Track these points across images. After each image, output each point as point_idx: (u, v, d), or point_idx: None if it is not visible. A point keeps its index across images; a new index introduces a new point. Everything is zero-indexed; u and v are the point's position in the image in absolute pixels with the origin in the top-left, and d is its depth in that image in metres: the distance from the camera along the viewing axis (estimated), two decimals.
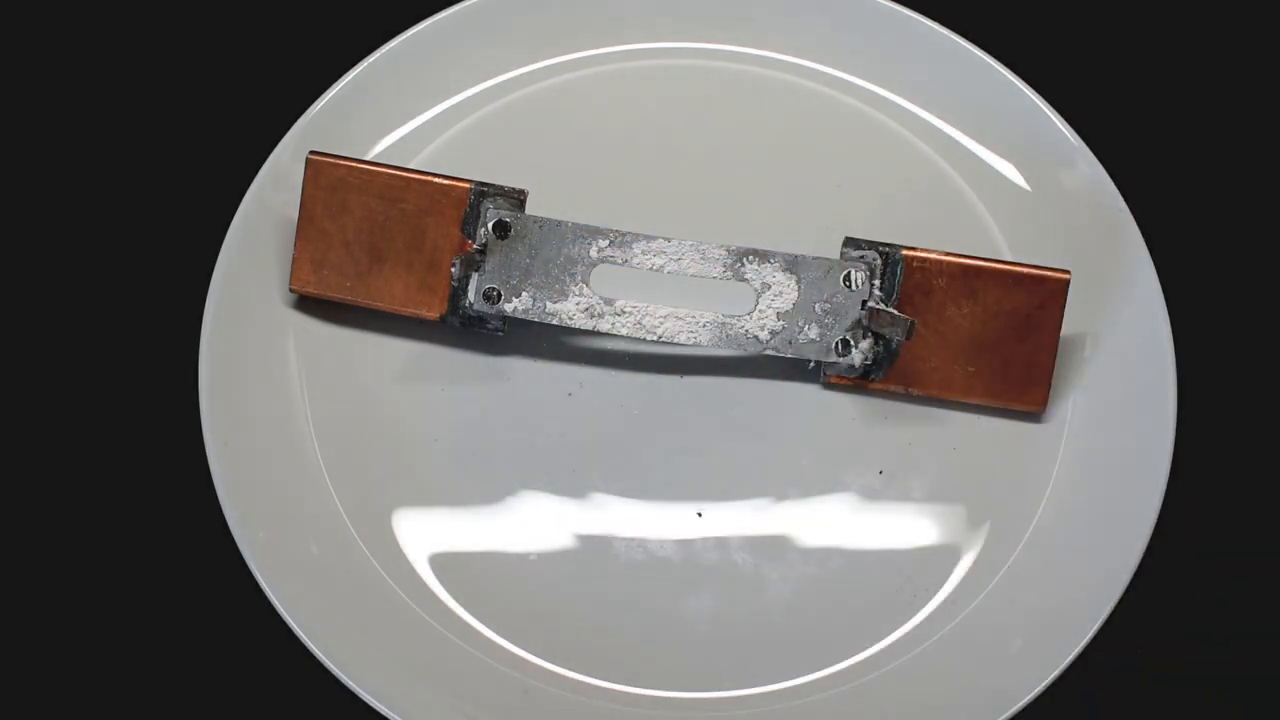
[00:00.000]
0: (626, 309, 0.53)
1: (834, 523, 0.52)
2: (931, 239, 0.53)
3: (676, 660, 0.50)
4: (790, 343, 0.53)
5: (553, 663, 0.50)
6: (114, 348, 0.56)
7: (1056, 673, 0.48)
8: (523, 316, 0.53)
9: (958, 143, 0.59)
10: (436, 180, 0.53)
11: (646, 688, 0.50)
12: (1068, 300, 0.53)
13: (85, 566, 0.52)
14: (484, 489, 0.53)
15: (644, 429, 0.54)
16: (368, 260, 0.54)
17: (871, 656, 0.50)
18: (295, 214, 0.54)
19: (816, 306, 0.53)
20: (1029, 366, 0.53)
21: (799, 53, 0.60)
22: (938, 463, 0.53)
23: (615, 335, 0.54)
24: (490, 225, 0.53)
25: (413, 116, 0.59)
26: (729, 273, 0.53)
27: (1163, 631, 0.53)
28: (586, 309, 0.53)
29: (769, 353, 0.53)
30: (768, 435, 0.54)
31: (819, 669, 0.50)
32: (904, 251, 0.53)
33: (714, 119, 0.59)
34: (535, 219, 0.53)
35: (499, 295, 0.53)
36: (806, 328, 0.53)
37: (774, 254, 0.53)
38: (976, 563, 0.52)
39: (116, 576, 0.52)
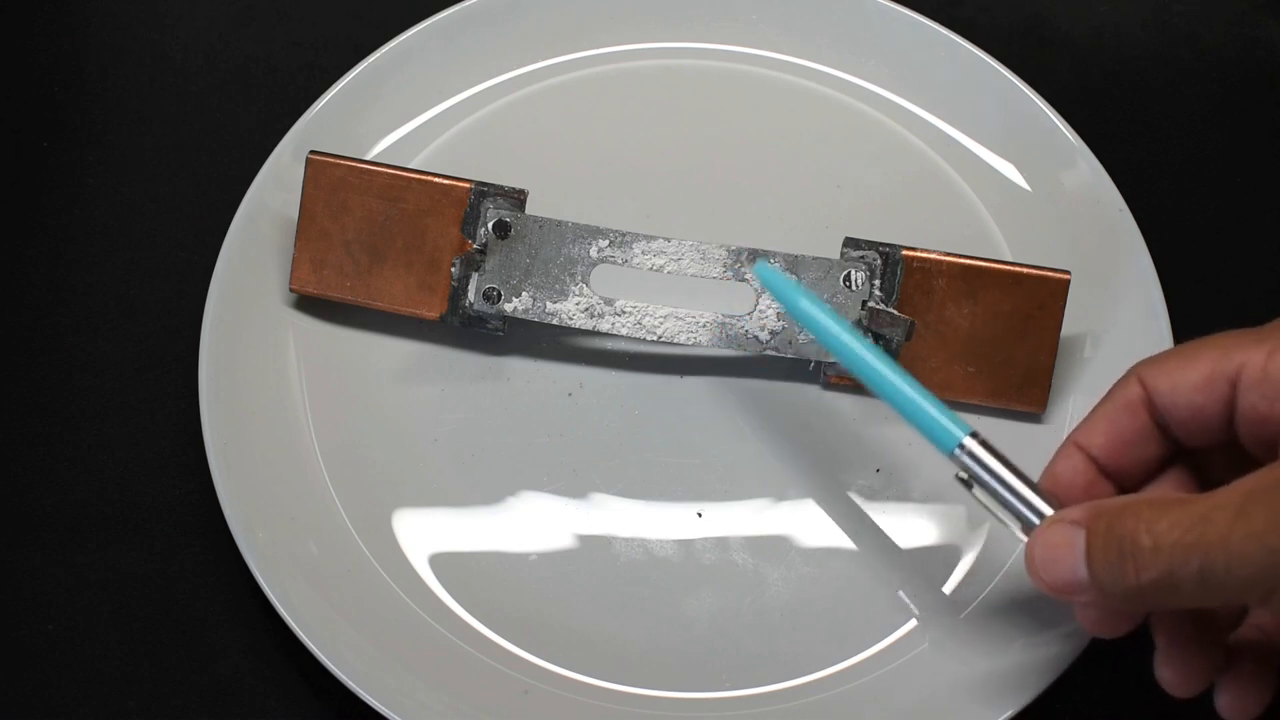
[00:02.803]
0: (626, 309, 0.53)
1: (834, 523, 0.52)
2: (931, 239, 0.53)
3: (676, 660, 0.50)
4: (790, 343, 0.53)
5: (553, 663, 0.50)
6: (114, 347, 0.56)
7: (1057, 673, 0.48)
8: (523, 316, 0.53)
9: (958, 143, 0.59)
10: (436, 180, 0.53)
11: (646, 688, 0.50)
12: (1068, 300, 0.53)
13: (85, 566, 0.52)
14: (484, 489, 0.53)
15: (644, 429, 0.54)
16: (368, 260, 0.54)
17: (871, 656, 0.50)
18: (295, 214, 0.54)
19: None
20: (1029, 366, 0.53)
21: (799, 53, 0.60)
22: (938, 463, 0.53)
23: (615, 335, 0.54)
24: (490, 225, 0.53)
25: (413, 116, 0.59)
26: (729, 273, 0.53)
27: None
28: (586, 309, 0.53)
29: (769, 353, 0.53)
30: (768, 435, 0.54)
31: (819, 669, 0.50)
32: (904, 251, 0.53)
33: (714, 119, 0.59)
34: (535, 219, 0.53)
35: (499, 295, 0.53)
36: None
37: (774, 254, 0.53)
38: (976, 563, 0.52)
39: (116, 576, 0.52)
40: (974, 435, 0.45)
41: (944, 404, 0.46)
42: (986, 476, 0.45)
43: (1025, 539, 0.44)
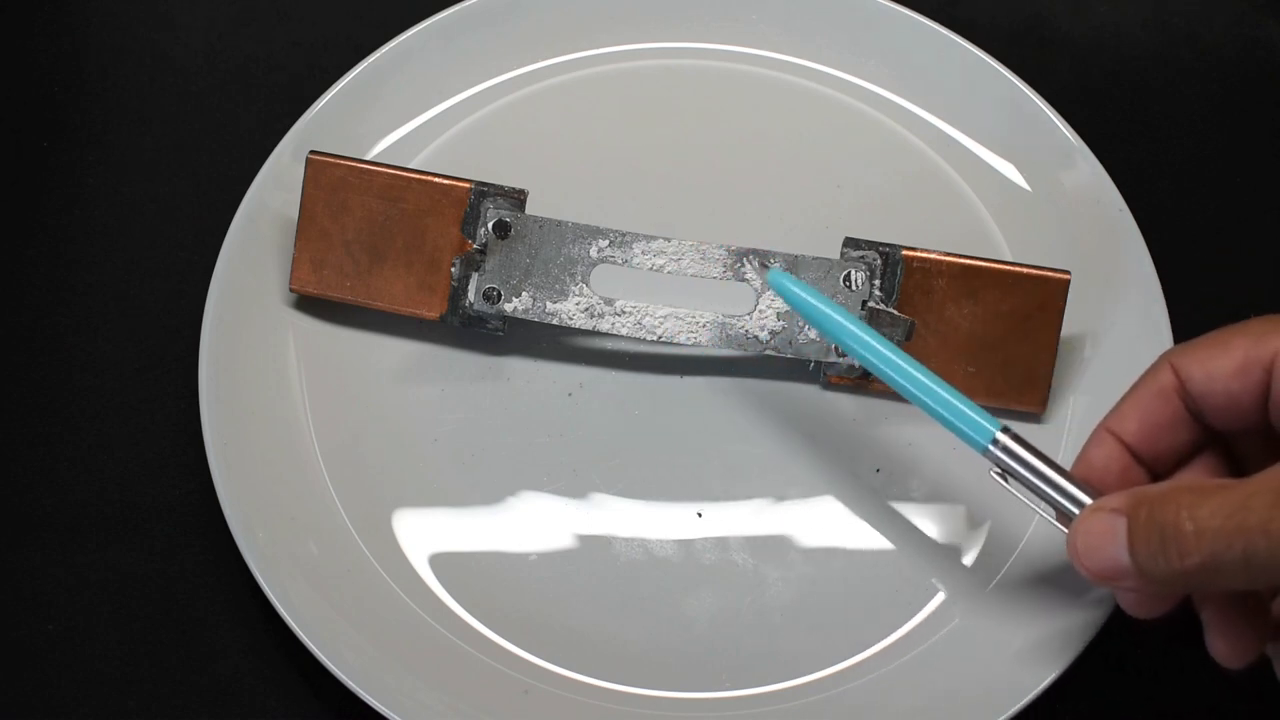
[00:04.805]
0: (626, 309, 0.53)
1: (834, 523, 0.52)
2: (931, 239, 0.53)
3: (676, 660, 0.50)
4: (790, 343, 0.53)
5: (553, 663, 0.50)
6: (114, 347, 0.56)
7: (1057, 673, 0.48)
8: (523, 316, 0.53)
9: (958, 143, 0.59)
10: (436, 180, 0.53)
11: (646, 688, 0.50)
12: (1068, 300, 0.53)
13: (85, 566, 0.52)
14: (484, 489, 0.53)
15: (644, 429, 0.54)
16: (368, 260, 0.54)
17: (871, 656, 0.50)
18: (295, 214, 0.54)
19: None
20: (1029, 366, 0.53)
21: (799, 53, 0.60)
22: (938, 463, 0.53)
23: (615, 335, 0.54)
24: (490, 225, 0.53)
25: (413, 116, 0.59)
26: (729, 273, 0.53)
27: (1162, 631, 0.53)
28: (586, 309, 0.53)
29: (769, 353, 0.53)
30: (768, 435, 0.54)
31: (819, 669, 0.50)
32: (904, 251, 0.53)
33: (714, 119, 0.59)
34: (535, 219, 0.53)
35: (499, 295, 0.53)
36: (806, 328, 0.53)
37: (774, 254, 0.53)
38: (976, 563, 0.52)
39: (116, 576, 0.52)
40: (1005, 430, 0.46)
41: (969, 400, 0.46)
42: (1021, 469, 0.46)
43: (1064, 529, 0.44)
